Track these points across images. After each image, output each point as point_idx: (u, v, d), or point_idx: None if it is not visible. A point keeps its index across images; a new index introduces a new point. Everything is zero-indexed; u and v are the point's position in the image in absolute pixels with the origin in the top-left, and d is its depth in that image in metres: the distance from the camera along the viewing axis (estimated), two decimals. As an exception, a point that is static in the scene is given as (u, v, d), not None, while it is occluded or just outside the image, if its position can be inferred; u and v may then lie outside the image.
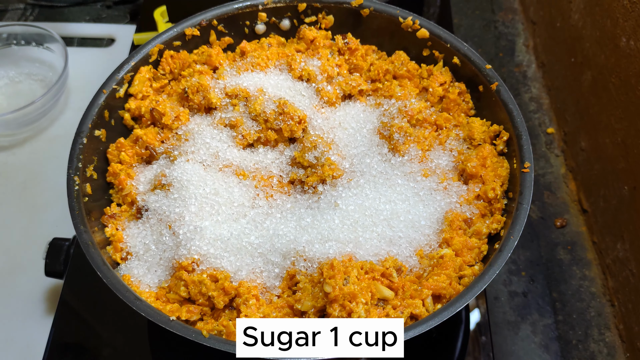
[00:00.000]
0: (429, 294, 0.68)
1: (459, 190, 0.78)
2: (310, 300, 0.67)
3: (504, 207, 0.75)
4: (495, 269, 0.66)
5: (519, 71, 1.27)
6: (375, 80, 0.89)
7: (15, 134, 1.15)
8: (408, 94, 0.85)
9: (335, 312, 0.64)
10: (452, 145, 0.82)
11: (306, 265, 0.70)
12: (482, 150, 0.79)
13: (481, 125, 0.82)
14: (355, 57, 0.89)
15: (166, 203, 0.75)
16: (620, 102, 0.94)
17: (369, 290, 0.66)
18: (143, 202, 0.76)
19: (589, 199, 1.05)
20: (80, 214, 0.70)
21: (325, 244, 0.71)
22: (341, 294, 0.64)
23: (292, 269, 0.70)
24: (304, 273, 0.70)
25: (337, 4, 0.90)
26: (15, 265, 1.00)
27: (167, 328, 0.62)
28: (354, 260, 0.71)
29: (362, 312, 0.64)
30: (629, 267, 0.92)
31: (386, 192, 0.76)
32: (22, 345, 0.92)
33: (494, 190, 0.75)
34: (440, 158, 0.81)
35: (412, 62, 0.89)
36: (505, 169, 0.77)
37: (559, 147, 1.15)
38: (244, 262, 0.71)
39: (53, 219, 1.05)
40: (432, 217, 0.76)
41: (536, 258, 1.02)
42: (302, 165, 0.80)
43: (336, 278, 0.65)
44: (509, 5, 1.38)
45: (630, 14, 0.90)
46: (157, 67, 0.87)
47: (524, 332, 0.95)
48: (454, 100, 0.84)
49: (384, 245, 0.73)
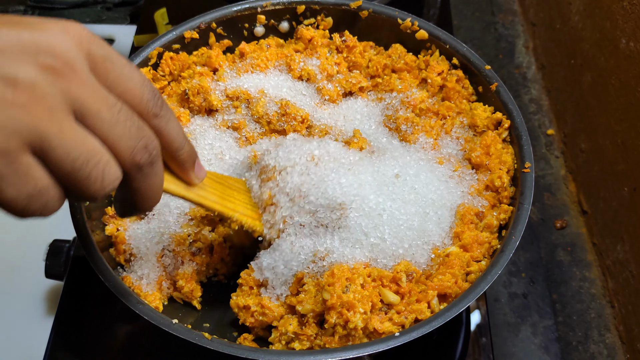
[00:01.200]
0: (435, 295, 0.67)
1: (471, 180, 0.78)
2: (311, 303, 0.67)
3: (512, 196, 0.75)
4: (498, 269, 0.66)
5: (518, 73, 1.27)
6: (375, 75, 0.89)
7: (16, 136, 1.15)
8: (408, 86, 0.85)
9: (332, 319, 0.64)
10: (458, 133, 0.82)
11: (317, 268, 0.70)
12: (485, 138, 0.78)
13: (483, 112, 0.81)
14: (353, 54, 0.89)
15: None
16: (620, 103, 0.94)
17: (370, 299, 0.66)
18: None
19: (588, 200, 1.05)
20: (81, 217, 0.70)
21: (349, 248, 0.71)
22: (339, 302, 0.64)
23: (299, 272, 0.70)
24: (312, 275, 0.70)
25: (336, 5, 0.90)
26: (15, 266, 1.00)
27: (170, 331, 0.62)
28: (369, 267, 0.70)
29: (359, 322, 0.64)
30: (629, 269, 0.92)
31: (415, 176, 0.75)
32: (22, 346, 0.92)
33: (500, 179, 0.74)
34: (449, 146, 0.81)
35: (409, 54, 0.88)
36: (510, 155, 0.77)
37: (559, 149, 1.16)
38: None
39: (53, 220, 1.03)
40: (450, 208, 0.75)
41: (536, 259, 1.02)
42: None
43: (335, 286, 0.65)
44: (508, 7, 1.38)
45: (630, 16, 0.90)
46: (156, 69, 0.87)
47: (524, 334, 0.95)
48: (453, 88, 0.84)
49: (403, 244, 0.71)
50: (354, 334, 0.65)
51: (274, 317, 0.69)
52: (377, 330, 0.65)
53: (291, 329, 0.67)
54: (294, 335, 0.67)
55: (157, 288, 0.73)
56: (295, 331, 0.67)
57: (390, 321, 0.66)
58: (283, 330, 0.67)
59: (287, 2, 0.90)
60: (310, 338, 0.67)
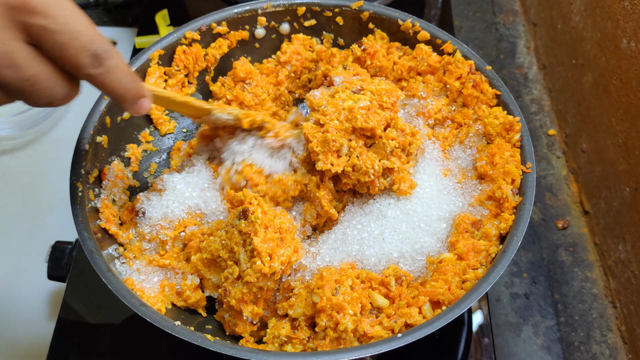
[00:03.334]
0: (426, 301, 0.67)
1: (474, 191, 0.77)
2: (302, 307, 0.67)
3: (516, 205, 0.73)
4: (500, 269, 0.66)
5: (520, 73, 1.27)
6: (400, 79, 0.87)
7: (18, 137, 1.15)
8: (431, 91, 0.84)
9: (323, 322, 0.65)
10: (472, 142, 0.81)
11: (304, 273, 0.71)
12: (492, 147, 0.77)
13: (495, 119, 0.79)
14: (377, 59, 0.86)
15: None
16: (621, 103, 0.94)
17: (360, 300, 0.66)
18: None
19: (590, 200, 1.05)
20: (83, 220, 0.70)
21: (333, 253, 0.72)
22: (329, 304, 0.65)
23: (287, 280, 0.71)
24: (300, 279, 0.70)
25: (337, 7, 0.90)
26: (17, 268, 1.00)
27: (173, 333, 0.62)
28: (355, 268, 0.71)
29: (348, 324, 0.64)
30: (630, 269, 0.92)
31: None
32: (24, 348, 0.92)
33: (500, 190, 0.73)
34: (459, 157, 0.81)
35: (433, 55, 0.85)
36: (516, 164, 0.75)
37: (560, 149, 1.16)
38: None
39: (55, 222, 1.05)
40: (446, 220, 0.75)
41: (538, 260, 1.02)
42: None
43: (324, 289, 0.66)
44: (509, 8, 1.38)
45: (630, 16, 0.90)
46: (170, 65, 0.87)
47: (526, 334, 0.95)
48: (471, 94, 0.82)
49: (393, 252, 0.73)
50: (345, 337, 0.65)
51: (244, 330, 0.71)
52: (366, 333, 0.65)
53: (284, 332, 0.67)
54: (286, 339, 0.67)
55: (159, 291, 0.73)
56: (288, 335, 0.67)
57: (380, 325, 0.66)
58: (276, 333, 0.68)
59: (287, 3, 0.90)
60: (303, 341, 0.67)
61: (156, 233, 0.76)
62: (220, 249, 0.70)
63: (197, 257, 0.73)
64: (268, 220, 0.69)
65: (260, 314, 0.70)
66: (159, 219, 0.76)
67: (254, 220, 0.68)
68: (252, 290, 0.69)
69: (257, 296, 0.69)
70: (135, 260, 0.75)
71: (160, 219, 0.76)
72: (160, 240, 0.76)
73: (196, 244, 0.74)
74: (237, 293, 0.69)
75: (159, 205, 0.77)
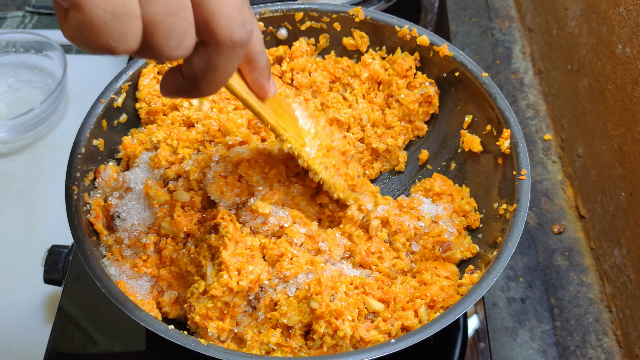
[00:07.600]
0: (422, 304, 0.67)
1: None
2: (297, 314, 0.66)
3: (480, 225, 0.77)
4: (493, 276, 0.66)
5: (515, 78, 1.27)
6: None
7: (15, 141, 1.15)
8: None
9: (321, 328, 0.64)
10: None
11: (287, 285, 0.70)
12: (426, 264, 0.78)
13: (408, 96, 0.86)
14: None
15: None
16: (616, 108, 0.94)
17: (356, 305, 0.66)
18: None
19: (586, 205, 1.06)
20: (79, 224, 0.70)
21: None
22: (327, 310, 0.64)
23: (267, 296, 0.70)
24: (282, 291, 0.69)
25: (334, 12, 0.90)
26: (13, 272, 1.00)
27: (166, 337, 0.62)
28: (343, 275, 0.71)
29: (347, 330, 0.64)
30: (626, 273, 0.92)
31: None
32: (20, 352, 0.92)
33: (469, 204, 0.78)
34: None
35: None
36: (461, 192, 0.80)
37: (556, 154, 1.16)
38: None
39: (52, 226, 1.05)
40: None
41: (534, 264, 1.03)
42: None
43: (322, 295, 0.65)
44: (505, 13, 1.39)
45: (626, 22, 0.90)
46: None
47: (522, 338, 0.95)
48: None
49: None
50: (342, 344, 0.65)
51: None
52: (363, 339, 0.65)
53: (274, 340, 0.66)
54: (275, 347, 0.66)
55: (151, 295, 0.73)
56: (279, 342, 0.66)
57: (376, 329, 0.66)
58: (265, 340, 0.66)
59: (285, 9, 0.90)
60: (294, 350, 0.66)
61: (135, 237, 0.73)
62: (188, 264, 0.70)
63: (166, 269, 0.72)
64: (239, 237, 0.69)
65: (226, 330, 0.68)
66: (137, 224, 0.74)
67: (224, 234, 0.67)
68: (217, 306, 0.66)
69: (223, 312, 0.67)
70: (120, 264, 0.74)
71: (138, 224, 0.74)
72: (141, 244, 0.74)
73: (169, 253, 0.73)
74: (201, 308, 0.66)
75: (134, 208, 0.75)
